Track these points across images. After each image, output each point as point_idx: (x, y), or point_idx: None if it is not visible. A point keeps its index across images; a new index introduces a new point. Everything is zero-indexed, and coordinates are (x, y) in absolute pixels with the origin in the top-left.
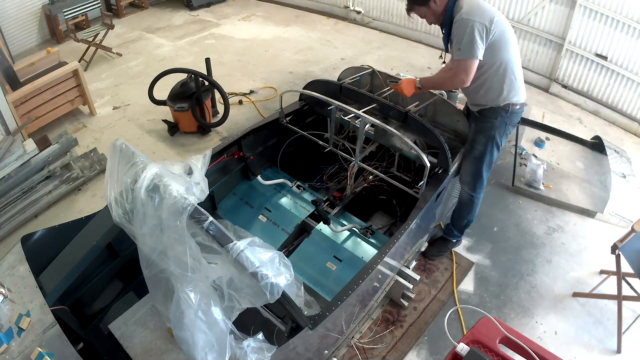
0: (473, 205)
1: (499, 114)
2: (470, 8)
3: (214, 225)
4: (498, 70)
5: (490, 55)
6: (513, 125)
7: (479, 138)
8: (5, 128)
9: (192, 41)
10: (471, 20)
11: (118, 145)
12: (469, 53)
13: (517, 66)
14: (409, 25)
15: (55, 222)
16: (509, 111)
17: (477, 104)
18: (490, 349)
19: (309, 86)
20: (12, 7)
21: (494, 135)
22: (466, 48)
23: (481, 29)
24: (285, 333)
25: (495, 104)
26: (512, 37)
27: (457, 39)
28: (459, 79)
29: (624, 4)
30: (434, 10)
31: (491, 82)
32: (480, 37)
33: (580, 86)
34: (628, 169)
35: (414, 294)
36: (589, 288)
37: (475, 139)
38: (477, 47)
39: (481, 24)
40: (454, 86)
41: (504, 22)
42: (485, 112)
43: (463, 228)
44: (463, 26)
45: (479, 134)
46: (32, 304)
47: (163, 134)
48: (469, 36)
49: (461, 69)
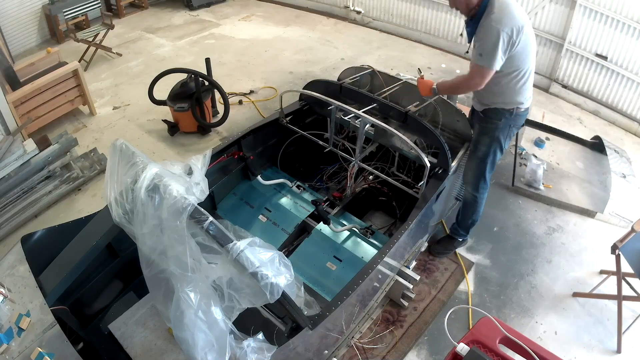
0: (477, 205)
1: (504, 115)
2: (502, 14)
3: (214, 225)
4: (515, 77)
5: (510, 63)
6: (517, 127)
7: (483, 139)
8: (5, 128)
9: (192, 41)
10: (499, 30)
11: (118, 145)
12: (488, 62)
13: (532, 73)
14: (409, 25)
15: (55, 222)
16: (514, 113)
17: (484, 104)
18: (490, 349)
19: (309, 86)
20: (12, 7)
21: (497, 136)
22: (487, 56)
23: (507, 40)
24: (285, 333)
25: (501, 106)
26: (534, 47)
27: (481, 43)
28: (474, 82)
29: (624, 4)
30: (468, 1)
31: (505, 87)
32: (502, 50)
33: (580, 86)
34: (628, 169)
35: (414, 294)
36: (589, 288)
37: (479, 140)
38: (498, 58)
39: (508, 36)
40: (469, 89)
41: (529, 32)
42: (489, 113)
43: (468, 227)
44: (490, 33)
45: (483, 135)
46: (32, 304)
47: (163, 134)
48: (492, 45)
49: (477, 73)
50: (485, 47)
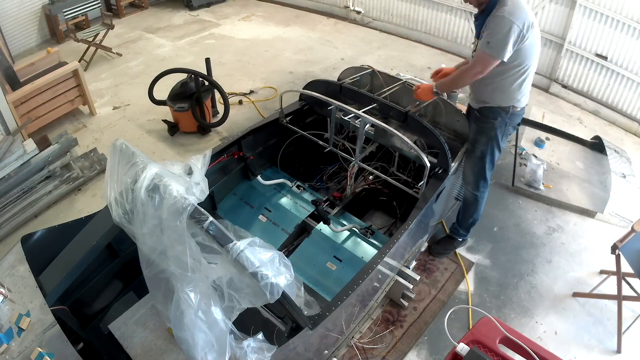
0: (477, 204)
1: (499, 114)
2: (514, 8)
3: (214, 225)
4: (515, 73)
5: (514, 58)
6: (514, 126)
7: (480, 138)
8: (5, 128)
9: (192, 41)
10: (512, 22)
11: (118, 145)
12: (497, 52)
13: (532, 73)
14: (409, 25)
15: (55, 222)
16: (510, 112)
17: (481, 101)
18: (490, 349)
19: (309, 86)
20: (12, 7)
21: (494, 135)
22: (496, 46)
23: (517, 34)
24: (285, 333)
25: (497, 104)
26: (539, 46)
27: (491, 33)
28: (476, 70)
29: (624, 4)
30: None
31: (504, 82)
32: (513, 42)
33: (580, 86)
34: (628, 169)
35: (414, 294)
36: (589, 288)
37: (476, 139)
38: (507, 49)
39: (519, 29)
40: (470, 79)
41: (537, 31)
42: (485, 111)
43: (469, 227)
44: (502, 24)
45: (480, 134)
46: (32, 304)
47: (163, 134)
48: (504, 36)
49: (481, 61)
50: (495, 37)
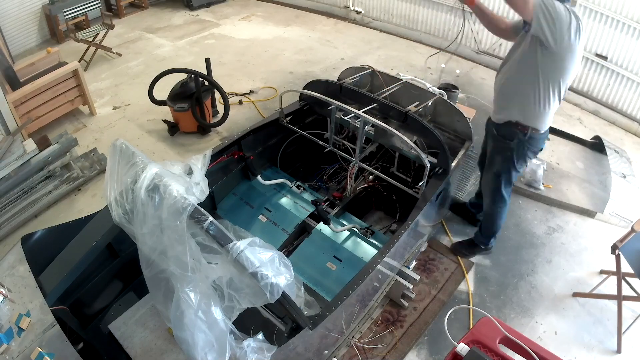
0: (495, 217)
1: (517, 135)
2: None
3: (214, 225)
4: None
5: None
6: (534, 151)
7: (497, 158)
8: (5, 128)
9: (192, 41)
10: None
11: (118, 145)
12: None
13: (561, 97)
14: (409, 25)
15: (55, 222)
16: (528, 135)
17: (503, 112)
18: (490, 349)
19: (309, 86)
20: (12, 7)
21: (510, 156)
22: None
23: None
24: (285, 333)
25: (516, 120)
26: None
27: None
28: None
29: (624, 4)
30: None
31: (532, 93)
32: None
33: (580, 86)
34: (628, 169)
35: (414, 294)
36: (589, 288)
37: (493, 158)
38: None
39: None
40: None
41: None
42: (503, 130)
43: (490, 236)
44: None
45: (497, 154)
46: (32, 304)
47: (163, 134)
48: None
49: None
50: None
